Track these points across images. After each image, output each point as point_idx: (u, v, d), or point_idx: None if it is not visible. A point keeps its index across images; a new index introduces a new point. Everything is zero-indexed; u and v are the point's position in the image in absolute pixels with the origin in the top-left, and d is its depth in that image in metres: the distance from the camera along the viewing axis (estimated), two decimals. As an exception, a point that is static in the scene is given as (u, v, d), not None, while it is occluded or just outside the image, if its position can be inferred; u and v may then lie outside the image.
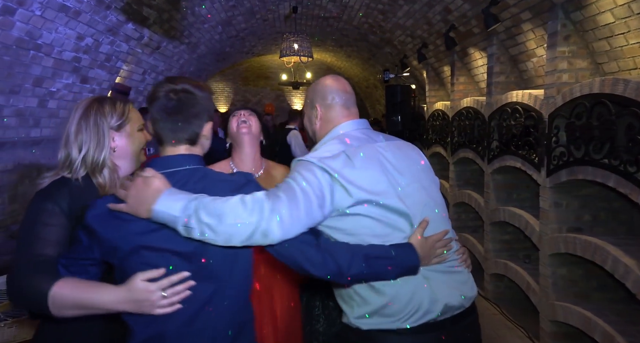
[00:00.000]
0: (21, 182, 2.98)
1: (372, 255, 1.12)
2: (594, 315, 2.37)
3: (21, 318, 1.58)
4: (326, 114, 1.34)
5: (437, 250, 1.22)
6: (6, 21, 2.25)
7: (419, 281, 1.20)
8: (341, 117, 1.33)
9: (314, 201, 1.09)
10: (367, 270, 1.11)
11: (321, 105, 1.34)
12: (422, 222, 1.22)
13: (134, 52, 3.88)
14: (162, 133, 1.08)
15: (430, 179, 1.34)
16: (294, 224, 1.05)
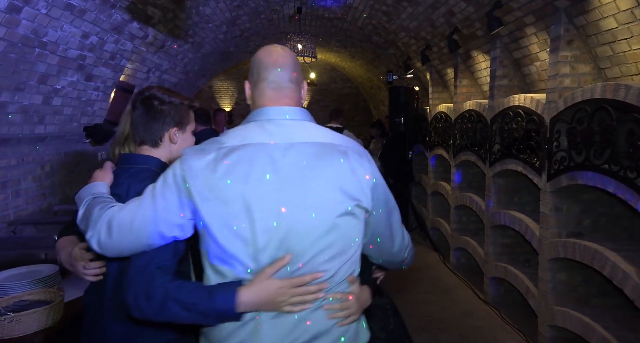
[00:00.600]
0: (25, 178, 3.01)
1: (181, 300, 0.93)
2: (593, 320, 2.37)
3: (22, 313, 1.59)
4: (253, 93, 1.08)
5: (282, 297, 0.95)
6: (12, 19, 2.28)
7: (250, 329, 0.97)
8: (266, 99, 1.05)
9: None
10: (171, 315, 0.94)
11: (249, 81, 1.10)
12: (280, 260, 0.95)
13: (139, 51, 3.90)
14: (132, 133, 1.32)
15: (342, 203, 0.96)
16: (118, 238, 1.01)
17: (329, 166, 0.97)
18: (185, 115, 1.31)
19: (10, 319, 1.56)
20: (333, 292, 1.00)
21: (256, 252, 0.95)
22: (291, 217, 0.95)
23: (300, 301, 0.96)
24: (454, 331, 3.15)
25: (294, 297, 0.96)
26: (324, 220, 0.96)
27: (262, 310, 0.96)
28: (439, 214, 5.06)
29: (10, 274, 1.89)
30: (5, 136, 2.72)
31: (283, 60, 1.07)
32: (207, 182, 0.95)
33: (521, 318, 3.26)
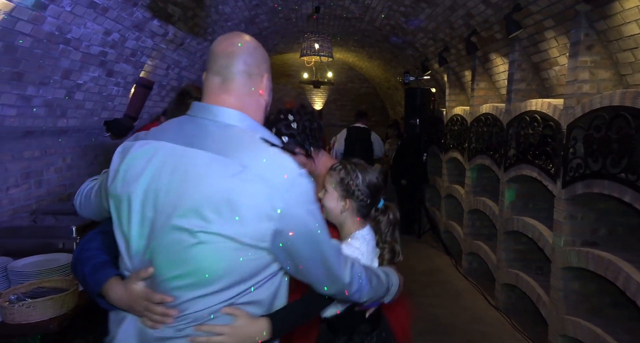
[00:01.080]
0: (47, 169, 3.12)
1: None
2: (604, 331, 2.33)
3: (39, 299, 1.66)
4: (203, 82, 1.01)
5: (136, 306, 0.92)
6: (38, 16, 2.36)
7: (121, 322, 0.97)
8: (206, 92, 0.97)
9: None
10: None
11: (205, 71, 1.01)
12: (143, 269, 0.91)
13: (159, 48, 3.98)
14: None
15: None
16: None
17: (207, 185, 0.85)
18: None
19: (28, 305, 1.63)
20: (200, 323, 0.89)
21: (130, 254, 0.94)
22: (159, 228, 0.88)
23: (150, 317, 0.91)
24: (461, 336, 3.13)
25: (145, 311, 0.91)
26: (182, 242, 0.86)
27: (125, 310, 0.95)
28: (452, 218, 5.02)
29: (30, 262, 1.97)
30: (30, 128, 2.82)
31: (232, 49, 0.94)
32: (113, 169, 0.97)
33: (531, 326, 3.21)
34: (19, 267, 1.88)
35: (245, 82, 0.95)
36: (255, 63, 0.97)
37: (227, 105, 0.94)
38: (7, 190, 2.67)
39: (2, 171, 2.64)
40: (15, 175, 2.76)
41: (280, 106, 1.90)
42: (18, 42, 2.34)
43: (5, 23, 2.18)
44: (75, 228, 2.19)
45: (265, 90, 1.01)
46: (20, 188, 2.80)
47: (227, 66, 0.94)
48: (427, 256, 4.91)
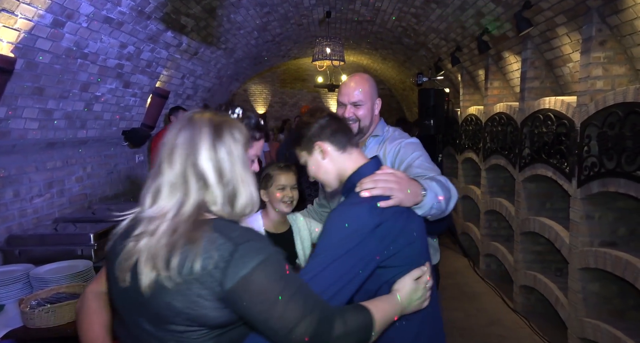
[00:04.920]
0: (69, 179, 3.25)
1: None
2: (625, 335, 2.26)
3: (57, 304, 1.74)
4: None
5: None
6: (57, 33, 2.47)
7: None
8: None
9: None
10: None
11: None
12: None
13: (173, 58, 4.09)
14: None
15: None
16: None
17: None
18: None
19: (47, 310, 1.71)
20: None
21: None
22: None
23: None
24: (478, 340, 3.08)
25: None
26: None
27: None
28: (469, 219, 4.95)
29: (50, 268, 2.06)
30: (51, 140, 2.95)
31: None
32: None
33: (551, 329, 3.14)
34: (40, 274, 1.97)
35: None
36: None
37: None
38: (32, 200, 2.80)
39: (26, 182, 2.76)
40: (39, 185, 2.89)
41: (297, 111, 1.93)
42: (38, 58, 2.46)
43: (25, 41, 2.29)
44: (93, 236, 2.28)
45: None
46: (44, 198, 2.92)
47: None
48: (444, 258, 4.81)
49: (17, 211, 2.66)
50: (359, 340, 0.92)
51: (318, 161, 1.18)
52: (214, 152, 0.89)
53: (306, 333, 0.84)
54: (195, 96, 5.42)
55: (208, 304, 0.83)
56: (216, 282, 0.82)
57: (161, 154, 0.91)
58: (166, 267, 0.82)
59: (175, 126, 0.93)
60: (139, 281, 0.85)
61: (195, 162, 0.88)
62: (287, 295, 0.84)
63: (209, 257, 0.82)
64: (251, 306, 0.83)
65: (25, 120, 2.61)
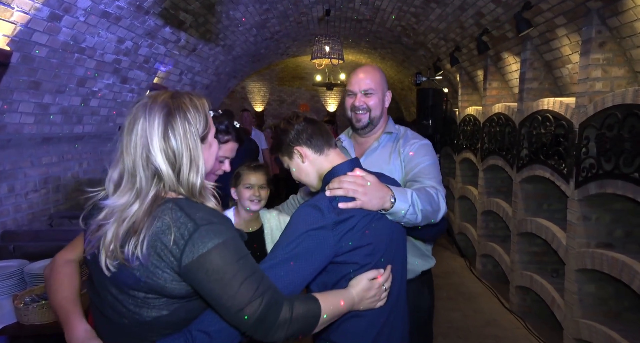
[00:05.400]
0: (64, 175, 3.22)
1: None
2: (620, 336, 2.26)
3: (52, 302, 1.72)
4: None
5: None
6: (53, 27, 2.45)
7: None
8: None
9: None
10: None
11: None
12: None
13: (172, 54, 4.07)
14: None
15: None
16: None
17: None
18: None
19: (41, 306, 1.69)
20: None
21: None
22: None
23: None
24: (475, 340, 3.09)
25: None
26: None
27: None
28: (466, 219, 4.95)
29: (45, 264, 2.03)
30: (47, 135, 2.92)
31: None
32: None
33: (547, 329, 3.14)
34: (34, 270, 1.95)
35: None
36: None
37: None
38: (27, 195, 2.77)
39: (21, 177, 2.74)
40: (34, 180, 2.86)
41: (295, 109, 1.93)
42: (35, 52, 2.43)
43: (22, 34, 2.27)
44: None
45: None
46: (39, 193, 2.90)
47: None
48: (441, 258, 4.85)
49: (11, 206, 2.64)
50: (304, 327, 0.98)
51: (299, 165, 1.25)
52: (166, 142, 0.92)
53: (254, 314, 0.90)
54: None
55: (166, 276, 0.90)
56: (174, 258, 0.88)
57: (122, 141, 0.94)
58: (122, 253, 0.89)
59: (131, 111, 0.95)
60: (100, 262, 0.92)
61: (149, 154, 0.91)
62: (240, 277, 0.90)
63: (169, 233, 0.88)
64: (205, 283, 0.89)
65: (21, 114, 2.58)
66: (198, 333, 0.93)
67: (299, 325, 0.96)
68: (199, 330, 0.94)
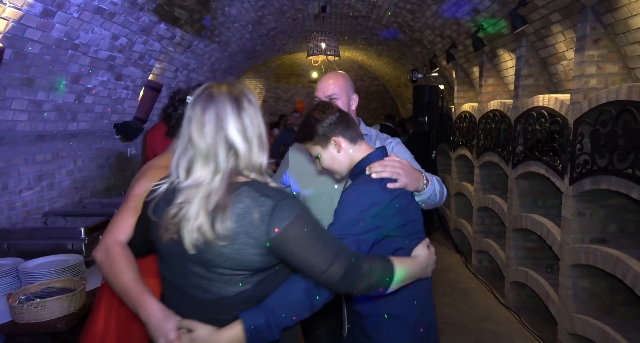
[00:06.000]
0: (59, 172, 3.20)
1: None
2: (614, 330, 2.28)
3: (47, 299, 1.71)
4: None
5: None
6: (47, 23, 2.42)
7: None
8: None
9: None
10: None
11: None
12: None
13: (167, 51, 4.04)
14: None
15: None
16: None
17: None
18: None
19: (37, 305, 1.68)
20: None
21: None
22: None
23: None
24: (470, 335, 3.11)
25: None
26: None
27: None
28: (462, 215, 4.97)
29: (40, 262, 2.03)
30: (41, 132, 2.90)
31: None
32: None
33: (541, 324, 3.17)
34: (29, 268, 1.94)
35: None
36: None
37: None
38: (20, 193, 2.75)
39: (15, 174, 2.72)
40: (28, 178, 2.84)
41: (291, 106, 1.96)
42: (27, 48, 2.41)
43: (14, 30, 2.24)
44: (83, 230, 2.25)
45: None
46: (33, 191, 2.88)
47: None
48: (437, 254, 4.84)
49: (5, 204, 2.62)
50: (382, 281, 1.09)
51: (333, 154, 1.32)
52: (240, 123, 1.00)
53: (339, 271, 1.01)
54: (189, 90, 5.37)
55: (254, 251, 0.98)
56: (262, 233, 0.97)
57: (189, 129, 1.00)
58: (212, 231, 0.96)
59: (197, 104, 1.00)
60: (185, 243, 0.98)
61: (226, 134, 0.99)
62: (321, 242, 1.01)
63: (253, 212, 0.97)
64: (293, 252, 0.99)
65: (14, 111, 2.56)
66: (275, 306, 1.02)
67: (377, 277, 1.08)
68: (275, 304, 1.02)
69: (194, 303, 1.03)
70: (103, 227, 2.44)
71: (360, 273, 1.04)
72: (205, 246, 0.97)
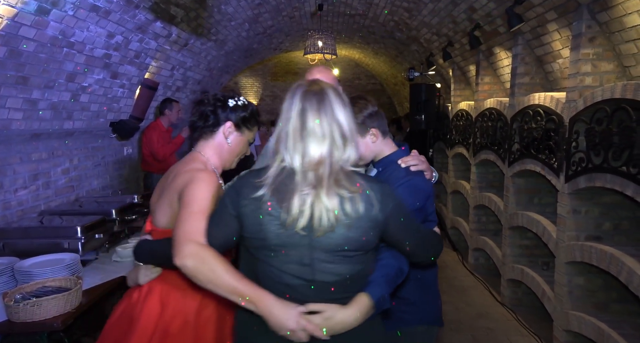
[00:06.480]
0: (55, 171, 3.19)
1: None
2: (609, 327, 2.30)
3: (43, 298, 1.71)
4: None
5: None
6: (41, 21, 2.41)
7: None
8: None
9: None
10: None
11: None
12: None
13: (163, 49, 4.02)
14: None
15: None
16: None
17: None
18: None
19: (33, 304, 1.68)
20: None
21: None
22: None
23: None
24: (467, 332, 3.12)
25: None
26: None
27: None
28: (458, 213, 4.99)
29: (36, 261, 2.03)
30: (36, 131, 2.88)
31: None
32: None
33: (537, 321, 3.19)
34: (25, 267, 1.94)
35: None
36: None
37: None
38: (16, 192, 2.74)
39: (10, 173, 2.70)
40: (23, 177, 2.83)
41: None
42: (22, 46, 2.39)
43: (9, 28, 2.23)
44: (80, 229, 2.24)
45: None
46: (29, 190, 2.87)
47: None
48: (433, 252, 4.89)
49: (0, 203, 2.60)
50: (441, 246, 1.30)
51: (368, 143, 1.43)
52: (346, 113, 1.09)
53: (425, 244, 1.22)
54: (185, 88, 5.35)
55: (372, 232, 1.09)
56: (379, 213, 1.08)
57: (303, 118, 1.06)
58: (344, 213, 1.04)
59: (309, 96, 1.08)
60: (315, 229, 1.04)
61: (337, 120, 1.07)
62: (413, 220, 1.19)
63: (370, 197, 1.07)
64: (395, 228, 1.13)
65: (9, 110, 2.54)
66: (386, 280, 1.15)
67: (441, 243, 1.29)
68: (385, 278, 1.15)
69: (319, 287, 1.08)
70: (99, 225, 2.43)
71: (439, 241, 1.27)
72: (334, 229, 1.05)
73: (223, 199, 1.13)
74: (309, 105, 1.06)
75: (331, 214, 1.03)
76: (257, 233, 1.08)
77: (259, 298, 1.05)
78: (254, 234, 1.08)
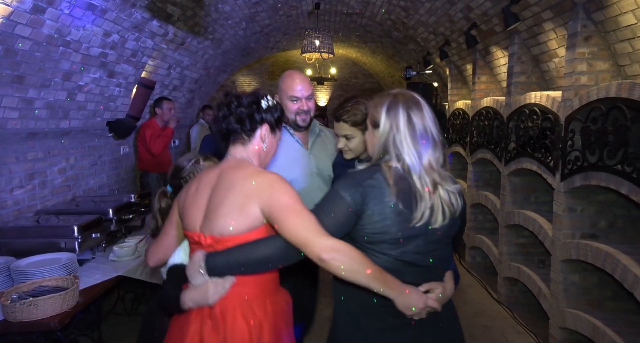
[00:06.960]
0: (51, 170, 3.18)
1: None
2: (604, 324, 2.32)
3: (40, 298, 1.71)
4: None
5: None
6: (37, 19, 2.40)
7: None
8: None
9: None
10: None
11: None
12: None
13: (159, 48, 4.02)
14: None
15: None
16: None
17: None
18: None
19: (29, 303, 1.68)
20: None
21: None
22: None
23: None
24: (463, 329, 3.10)
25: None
26: None
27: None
28: (455, 212, 5.00)
29: (32, 261, 2.02)
30: (32, 130, 2.87)
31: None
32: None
33: (533, 319, 3.21)
34: (21, 267, 1.93)
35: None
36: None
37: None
38: (12, 191, 2.73)
39: (6, 172, 2.69)
40: (19, 176, 2.82)
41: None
42: (18, 45, 2.38)
43: (4, 27, 2.22)
44: (76, 228, 2.24)
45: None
46: (25, 189, 2.86)
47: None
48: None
49: (-3, 203, 2.60)
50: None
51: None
52: (433, 121, 1.24)
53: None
54: (182, 87, 5.34)
55: (460, 222, 1.30)
56: (461, 206, 1.27)
57: (422, 122, 1.21)
58: (453, 207, 1.23)
59: (416, 104, 1.23)
60: (438, 221, 1.21)
61: (433, 123, 1.23)
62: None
63: (457, 190, 1.26)
64: (461, 216, 1.31)
65: (5, 109, 2.54)
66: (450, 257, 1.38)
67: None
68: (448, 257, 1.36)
69: (430, 271, 1.27)
70: (96, 225, 2.43)
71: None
72: (447, 221, 1.21)
73: (343, 197, 1.18)
74: (416, 111, 1.21)
75: (446, 209, 1.20)
76: (379, 229, 1.19)
77: (395, 286, 1.18)
78: (376, 230, 1.19)
